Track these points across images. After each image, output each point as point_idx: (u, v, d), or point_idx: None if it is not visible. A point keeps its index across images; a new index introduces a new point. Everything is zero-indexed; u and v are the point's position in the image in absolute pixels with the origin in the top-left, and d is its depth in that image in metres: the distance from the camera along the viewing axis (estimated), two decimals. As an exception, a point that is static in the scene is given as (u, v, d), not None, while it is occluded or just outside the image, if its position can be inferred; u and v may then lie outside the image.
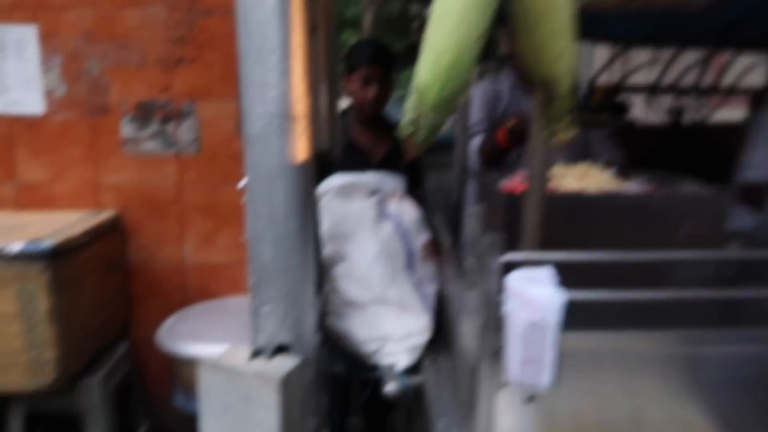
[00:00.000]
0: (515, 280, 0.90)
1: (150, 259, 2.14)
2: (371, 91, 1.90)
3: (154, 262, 2.14)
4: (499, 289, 0.92)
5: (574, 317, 0.95)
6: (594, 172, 1.34)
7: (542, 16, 0.73)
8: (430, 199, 2.17)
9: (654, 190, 1.26)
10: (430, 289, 1.47)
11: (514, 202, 1.12)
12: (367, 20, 11.18)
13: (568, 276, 0.96)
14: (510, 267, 0.95)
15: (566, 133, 0.83)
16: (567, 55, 0.75)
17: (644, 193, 1.23)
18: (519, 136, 1.74)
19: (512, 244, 1.14)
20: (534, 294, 0.87)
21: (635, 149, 2.99)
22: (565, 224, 1.20)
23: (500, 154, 1.88)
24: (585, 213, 1.21)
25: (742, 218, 1.81)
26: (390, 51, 2.01)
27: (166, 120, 2.07)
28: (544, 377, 0.92)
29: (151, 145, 2.09)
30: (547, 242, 1.12)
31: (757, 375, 1.01)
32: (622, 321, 1.00)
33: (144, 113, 2.07)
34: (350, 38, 12.31)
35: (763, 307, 1.14)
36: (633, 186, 1.27)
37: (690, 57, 3.34)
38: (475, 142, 1.99)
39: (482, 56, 0.78)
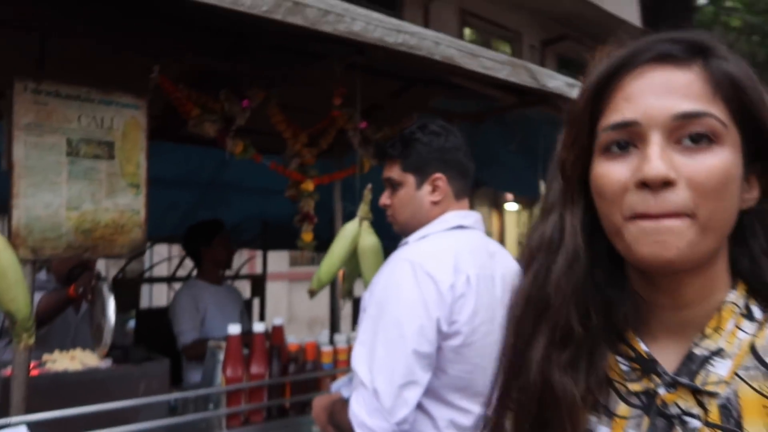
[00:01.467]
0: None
1: None
2: None
3: None
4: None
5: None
6: (81, 354, 1.90)
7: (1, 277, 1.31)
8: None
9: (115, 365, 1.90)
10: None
11: (7, 383, 1.58)
12: None
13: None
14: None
15: (29, 341, 1.39)
16: (19, 299, 1.34)
17: (106, 368, 1.86)
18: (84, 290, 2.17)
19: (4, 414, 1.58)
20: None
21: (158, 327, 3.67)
22: (55, 393, 1.70)
23: (67, 303, 2.33)
24: (69, 385, 1.74)
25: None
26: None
27: None
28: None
29: None
30: (45, 407, 1.59)
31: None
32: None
33: None
34: None
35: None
36: (104, 363, 1.88)
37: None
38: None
39: None
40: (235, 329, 1.89)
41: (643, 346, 0.65)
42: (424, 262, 1.34)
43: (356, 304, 4.46)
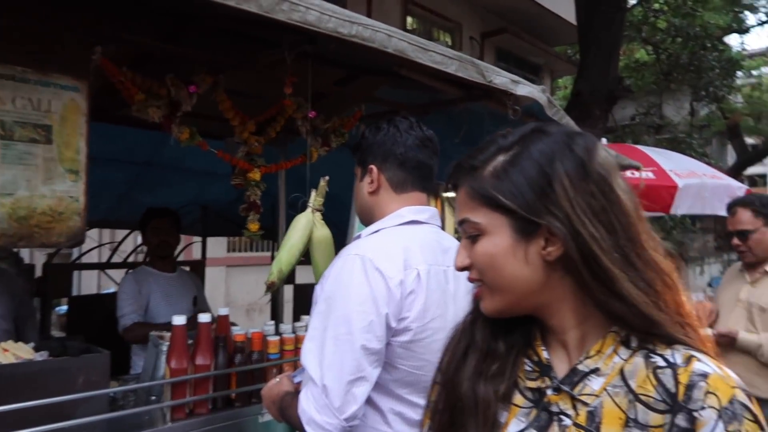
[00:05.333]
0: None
1: None
2: None
3: None
4: None
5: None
6: (15, 346, 1.81)
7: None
8: None
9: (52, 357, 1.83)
10: None
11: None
12: None
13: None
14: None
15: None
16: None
17: (42, 361, 1.78)
18: None
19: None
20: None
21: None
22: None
23: None
24: (2, 378, 1.66)
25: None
26: None
27: None
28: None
29: None
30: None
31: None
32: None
33: None
34: None
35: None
36: (39, 355, 1.80)
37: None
38: None
39: None
40: (179, 320, 1.85)
41: (545, 354, 0.84)
42: (375, 257, 1.34)
43: (297, 291, 4.46)
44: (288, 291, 4.51)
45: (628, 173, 4.21)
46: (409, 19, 8.03)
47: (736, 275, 2.88)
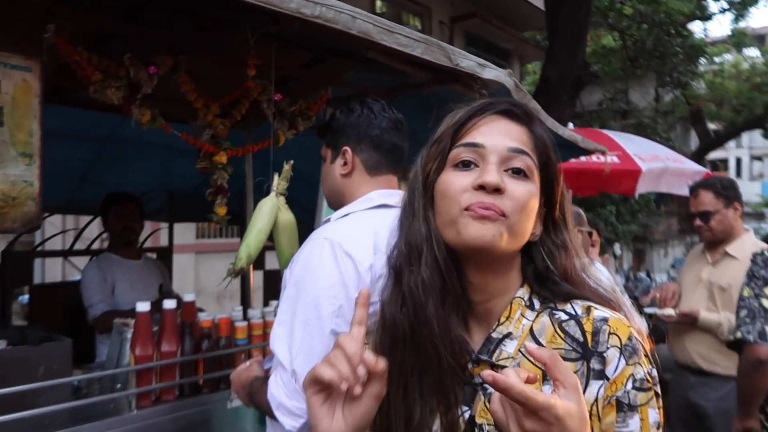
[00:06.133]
0: None
1: None
2: None
3: None
4: None
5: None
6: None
7: None
8: None
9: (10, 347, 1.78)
10: None
11: None
12: None
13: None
14: None
15: None
16: None
17: (2, 349, 1.73)
18: None
19: None
20: None
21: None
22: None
23: None
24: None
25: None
26: None
27: None
28: None
29: None
30: None
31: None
32: None
33: None
34: None
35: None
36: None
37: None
38: None
39: None
40: (143, 306, 1.82)
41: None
42: (344, 241, 1.32)
43: (267, 276, 4.42)
44: (258, 277, 4.47)
45: (594, 157, 4.29)
46: (378, 3, 7.96)
47: (698, 256, 2.96)
